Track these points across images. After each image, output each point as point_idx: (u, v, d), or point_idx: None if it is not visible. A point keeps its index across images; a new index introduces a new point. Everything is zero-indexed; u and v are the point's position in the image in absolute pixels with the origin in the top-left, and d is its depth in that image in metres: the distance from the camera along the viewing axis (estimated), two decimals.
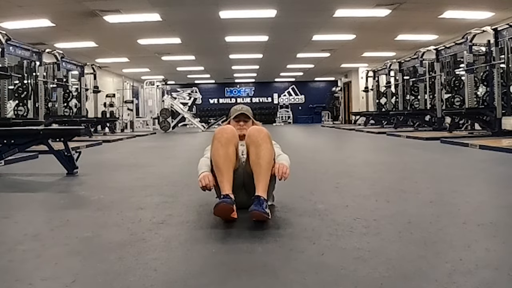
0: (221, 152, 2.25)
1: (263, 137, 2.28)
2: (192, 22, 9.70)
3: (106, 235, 2.06)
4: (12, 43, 7.95)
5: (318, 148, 8.22)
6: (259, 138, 2.27)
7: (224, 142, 2.26)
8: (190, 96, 17.92)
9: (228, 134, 2.30)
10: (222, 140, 2.27)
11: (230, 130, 2.34)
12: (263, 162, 2.23)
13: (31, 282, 1.47)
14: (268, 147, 2.28)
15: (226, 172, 2.22)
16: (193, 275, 1.53)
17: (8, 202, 3.04)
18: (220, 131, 2.32)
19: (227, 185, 2.19)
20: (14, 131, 4.91)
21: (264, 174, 2.22)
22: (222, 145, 2.26)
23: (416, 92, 12.22)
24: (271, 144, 2.31)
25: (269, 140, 2.30)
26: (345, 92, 22.40)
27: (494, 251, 1.71)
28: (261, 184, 2.20)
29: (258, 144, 2.26)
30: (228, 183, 2.20)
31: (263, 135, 2.29)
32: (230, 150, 2.26)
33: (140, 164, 5.42)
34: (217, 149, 2.26)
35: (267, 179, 2.23)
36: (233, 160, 2.27)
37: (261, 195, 2.14)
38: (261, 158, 2.24)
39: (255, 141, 2.27)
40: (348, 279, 1.45)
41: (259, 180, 2.21)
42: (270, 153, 2.28)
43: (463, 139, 7.19)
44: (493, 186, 3.51)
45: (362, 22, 9.81)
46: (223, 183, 2.20)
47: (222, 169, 2.23)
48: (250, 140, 2.29)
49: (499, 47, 8.24)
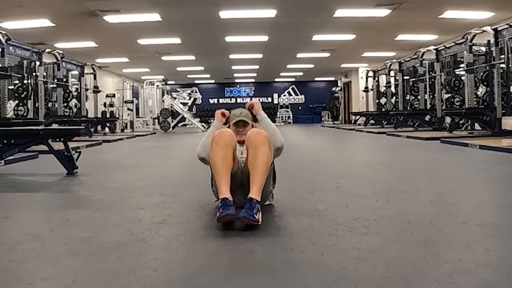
0: (219, 154, 2.29)
1: (262, 140, 2.32)
2: (192, 22, 9.71)
3: (106, 235, 2.06)
4: (12, 43, 7.94)
5: (318, 148, 8.23)
6: (258, 141, 2.31)
7: (223, 145, 2.31)
8: (190, 96, 17.92)
9: (227, 137, 2.35)
10: (221, 143, 2.32)
11: (228, 133, 2.39)
12: (260, 164, 2.26)
13: (31, 282, 1.47)
14: (266, 150, 2.31)
15: (224, 174, 2.26)
16: (193, 275, 1.53)
17: (8, 202, 3.04)
18: (219, 134, 2.37)
19: (225, 187, 2.22)
20: (14, 131, 4.91)
21: (260, 176, 2.25)
22: (220, 148, 2.30)
23: (416, 92, 12.21)
24: (269, 147, 2.34)
25: (267, 143, 2.33)
26: (345, 92, 22.41)
27: (494, 251, 1.71)
28: (256, 185, 2.22)
29: (256, 146, 2.30)
30: (226, 186, 2.23)
31: (262, 137, 2.33)
32: (228, 153, 2.31)
33: (140, 164, 5.43)
34: (216, 151, 2.31)
35: (262, 181, 2.26)
36: (231, 163, 2.31)
37: (254, 198, 2.16)
38: (258, 160, 2.27)
39: (254, 143, 2.31)
40: (348, 279, 1.45)
41: (254, 181, 2.24)
42: (267, 156, 2.31)
43: (463, 139, 7.19)
44: (493, 186, 3.51)
45: (362, 22, 9.81)
46: (222, 185, 2.23)
47: (221, 172, 2.27)
48: (250, 142, 2.33)
49: (499, 47, 8.24)
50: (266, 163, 2.29)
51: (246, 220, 2.05)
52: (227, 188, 2.22)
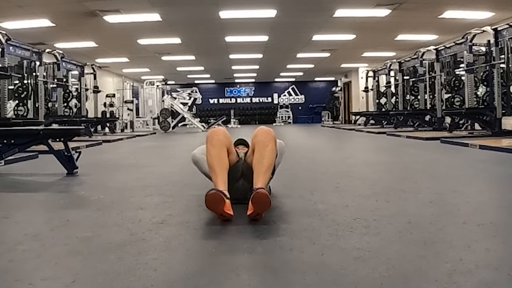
0: (213, 153, 2.37)
1: (270, 139, 2.43)
2: (192, 22, 9.71)
3: (106, 235, 2.06)
4: (12, 43, 7.94)
5: (318, 148, 8.23)
6: (267, 140, 2.42)
7: (216, 143, 2.39)
8: (190, 96, 17.91)
9: (219, 135, 2.43)
10: (213, 141, 2.40)
11: (221, 132, 2.48)
12: (266, 162, 2.35)
13: (31, 282, 1.47)
14: (273, 148, 2.42)
15: (220, 172, 2.32)
16: (193, 275, 1.53)
17: (8, 202, 3.04)
18: (211, 134, 2.45)
19: (222, 184, 2.27)
20: (14, 131, 4.90)
21: (265, 173, 2.33)
22: (213, 146, 2.39)
23: (416, 92, 12.21)
24: (275, 146, 2.45)
25: (274, 142, 2.45)
26: (345, 92, 22.41)
27: (494, 251, 1.71)
28: (261, 182, 2.28)
29: (265, 144, 2.39)
30: (223, 182, 2.28)
31: (270, 136, 2.44)
32: (222, 151, 2.39)
33: (140, 164, 5.43)
34: (209, 150, 2.40)
35: (266, 179, 2.34)
36: (225, 160, 2.39)
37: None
38: (265, 158, 2.36)
39: (262, 141, 2.41)
40: (348, 279, 1.45)
41: (259, 177, 2.30)
42: (273, 154, 2.42)
43: (463, 139, 7.19)
44: (493, 186, 3.50)
45: (362, 22, 9.82)
46: (218, 182, 2.29)
47: (216, 169, 2.33)
48: (257, 139, 2.43)
49: (499, 47, 8.24)
50: (271, 162, 2.40)
51: (262, 190, 2.08)
52: (224, 184, 2.27)
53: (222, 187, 2.24)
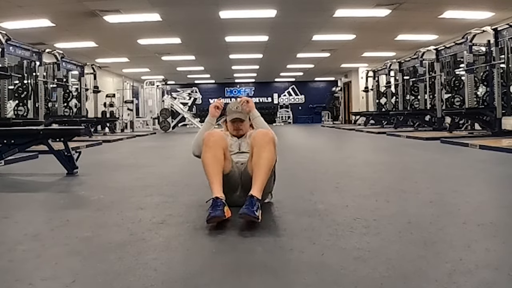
0: (209, 155, 2.38)
1: (268, 141, 2.41)
2: (192, 22, 9.70)
3: (106, 235, 2.06)
4: (12, 43, 7.94)
5: (318, 148, 8.23)
6: (264, 142, 2.40)
7: (212, 146, 2.41)
8: (190, 96, 17.90)
9: (215, 138, 2.45)
10: (210, 144, 2.42)
11: (217, 134, 2.51)
12: (263, 164, 2.33)
13: (31, 282, 1.47)
14: (271, 150, 2.39)
15: (215, 174, 2.33)
16: (193, 275, 1.53)
17: (8, 202, 3.04)
18: (207, 136, 2.47)
19: (217, 187, 2.28)
20: (14, 131, 4.91)
21: (262, 175, 2.30)
22: (209, 149, 2.40)
23: (416, 92, 12.21)
24: (274, 148, 2.42)
25: (272, 144, 2.42)
26: (345, 92, 22.40)
27: (494, 251, 1.71)
28: (258, 183, 2.26)
29: (262, 146, 2.38)
30: (218, 185, 2.29)
31: (268, 138, 2.42)
32: (218, 153, 2.40)
33: (140, 164, 5.42)
34: (205, 152, 2.41)
35: (264, 180, 2.31)
36: (221, 162, 2.40)
37: (255, 195, 2.19)
38: (262, 159, 2.34)
39: (259, 143, 2.39)
40: (348, 279, 1.45)
41: (256, 179, 2.29)
42: (272, 156, 2.38)
43: (463, 139, 7.19)
44: (493, 186, 3.51)
45: (362, 22, 9.81)
46: (213, 185, 2.29)
47: (211, 172, 2.34)
48: (255, 142, 2.41)
49: (499, 47, 8.24)
50: (270, 163, 2.36)
51: (247, 216, 2.07)
52: (219, 187, 2.28)
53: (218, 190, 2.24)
